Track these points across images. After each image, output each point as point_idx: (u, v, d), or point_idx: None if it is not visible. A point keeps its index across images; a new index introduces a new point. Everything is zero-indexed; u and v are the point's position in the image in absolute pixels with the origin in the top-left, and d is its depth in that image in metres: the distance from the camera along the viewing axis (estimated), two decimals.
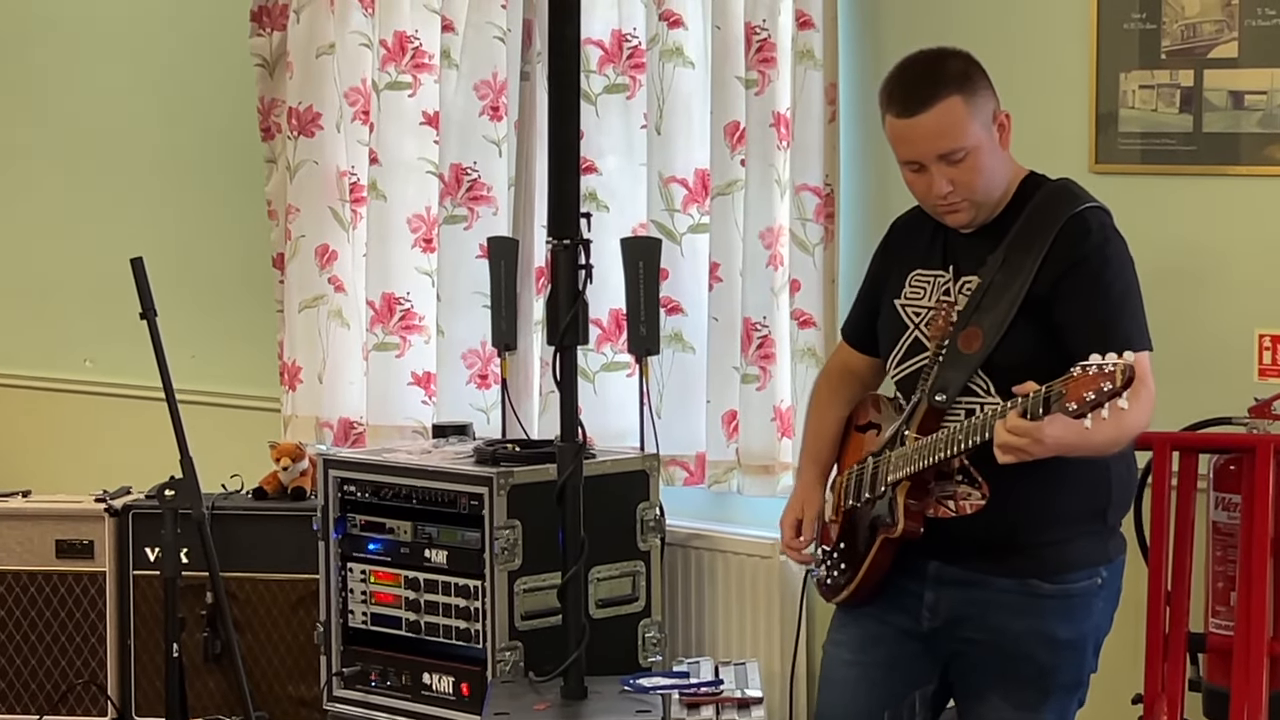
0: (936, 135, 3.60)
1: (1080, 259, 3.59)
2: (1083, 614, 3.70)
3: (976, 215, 3.67)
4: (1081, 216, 3.63)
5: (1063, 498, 3.62)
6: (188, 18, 6.65)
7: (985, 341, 3.57)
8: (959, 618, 3.70)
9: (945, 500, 3.63)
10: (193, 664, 5.50)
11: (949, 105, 3.59)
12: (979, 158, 3.61)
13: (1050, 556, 3.66)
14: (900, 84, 3.66)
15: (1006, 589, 3.66)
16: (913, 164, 3.65)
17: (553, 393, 5.22)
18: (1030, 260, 3.58)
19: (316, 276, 6.07)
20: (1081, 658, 3.73)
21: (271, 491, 5.70)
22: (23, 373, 7.17)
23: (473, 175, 5.77)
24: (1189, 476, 4.53)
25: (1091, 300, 3.57)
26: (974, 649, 3.71)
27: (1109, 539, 3.74)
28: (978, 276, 3.64)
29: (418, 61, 5.88)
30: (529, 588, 5.03)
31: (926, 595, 3.72)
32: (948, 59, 3.70)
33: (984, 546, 3.64)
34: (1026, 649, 3.67)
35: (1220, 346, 4.77)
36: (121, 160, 6.85)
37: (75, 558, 5.69)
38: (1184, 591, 4.49)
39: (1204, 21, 4.74)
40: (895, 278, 3.80)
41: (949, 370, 3.61)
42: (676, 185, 5.47)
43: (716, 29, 5.34)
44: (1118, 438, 3.51)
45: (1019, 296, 3.57)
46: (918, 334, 3.72)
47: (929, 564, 3.70)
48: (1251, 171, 4.73)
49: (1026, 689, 3.70)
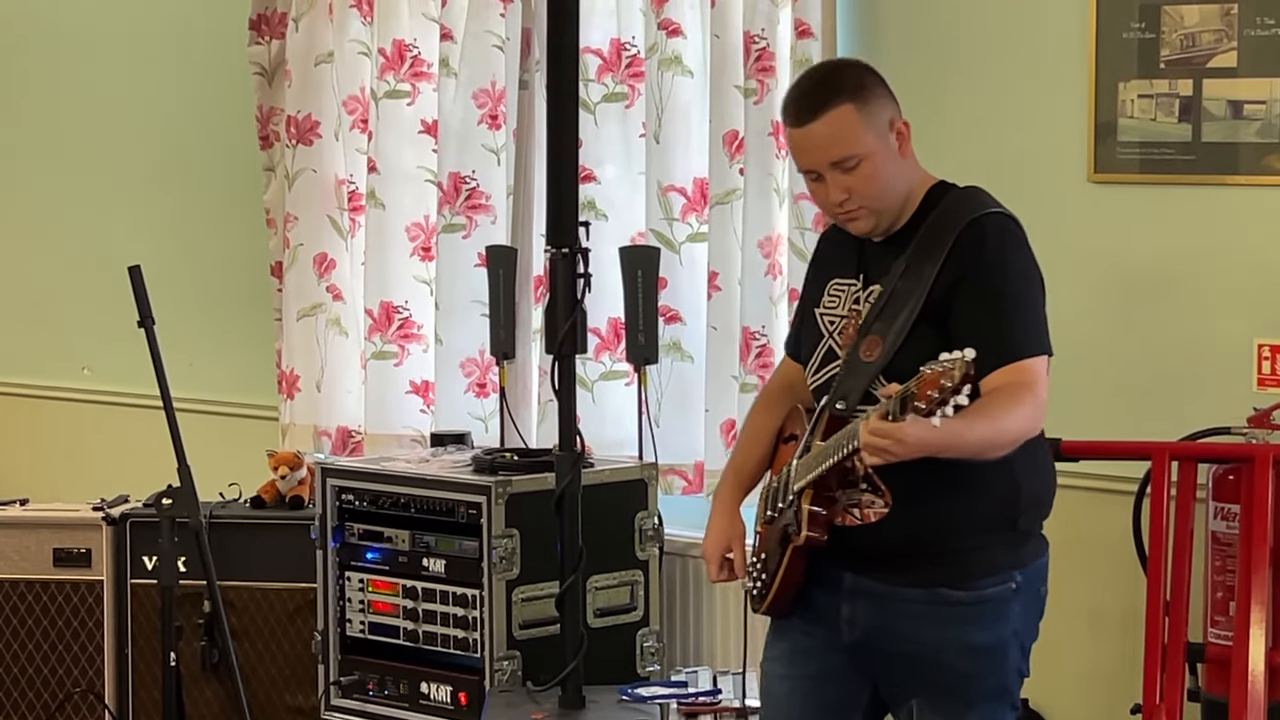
0: (828, 143, 3.62)
1: (974, 266, 3.59)
2: (999, 619, 3.67)
3: (879, 223, 3.68)
4: (979, 223, 3.63)
5: (968, 506, 3.61)
6: (187, 26, 6.65)
7: (885, 349, 3.59)
8: (875, 629, 3.70)
9: (851, 509, 3.64)
10: (190, 673, 5.49)
11: (840, 113, 3.61)
12: (874, 165, 3.63)
13: (958, 564, 3.64)
14: (794, 94, 3.70)
15: (917, 599, 3.65)
16: (810, 173, 3.67)
17: (551, 401, 5.21)
18: (930, 267, 3.60)
19: (315, 285, 6.07)
20: (1002, 663, 3.70)
21: (269, 500, 5.69)
22: (20, 381, 7.17)
23: (471, 184, 5.77)
24: (1188, 486, 4.53)
25: (984, 307, 3.58)
26: (895, 661, 3.71)
27: (1022, 544, 3.72)
28: (880, 285, 3.67)
29: (416, 70, 5.89)
30: (527, 597, 5.02)
31: (843, 608, 3.72)
32: (843, 69, 3.75)
33: (892, 556, 3.63)
34: (945, 658, 3.66)
35: (1219, 356, 4.77)
36: (120, 168, 6.85)
37: (73, 566, 5.69)
38: (1183, 602, 4.49)
39: (1203, 31, 4.75)
40: (816, 287, 3.83)
41: (850, 378, 3.62)
42: (675, 194, 5.47)
43: (715, 38, 5.34)
44: (994, 440, 3.49)
45: (919, 304, 3.59)
46: (831, 343, 3.74)
47: (844, 576, 3.70)
48: (1250, 181, 4.73)
49: (949, 698, 3.68)
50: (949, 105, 5.13)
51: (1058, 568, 5.03)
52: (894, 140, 3.65)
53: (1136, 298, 4.91)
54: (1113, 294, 4.94)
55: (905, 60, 5.19)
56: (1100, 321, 4.95)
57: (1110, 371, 4.93)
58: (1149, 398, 4.87)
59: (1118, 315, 4.93)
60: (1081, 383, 4.91)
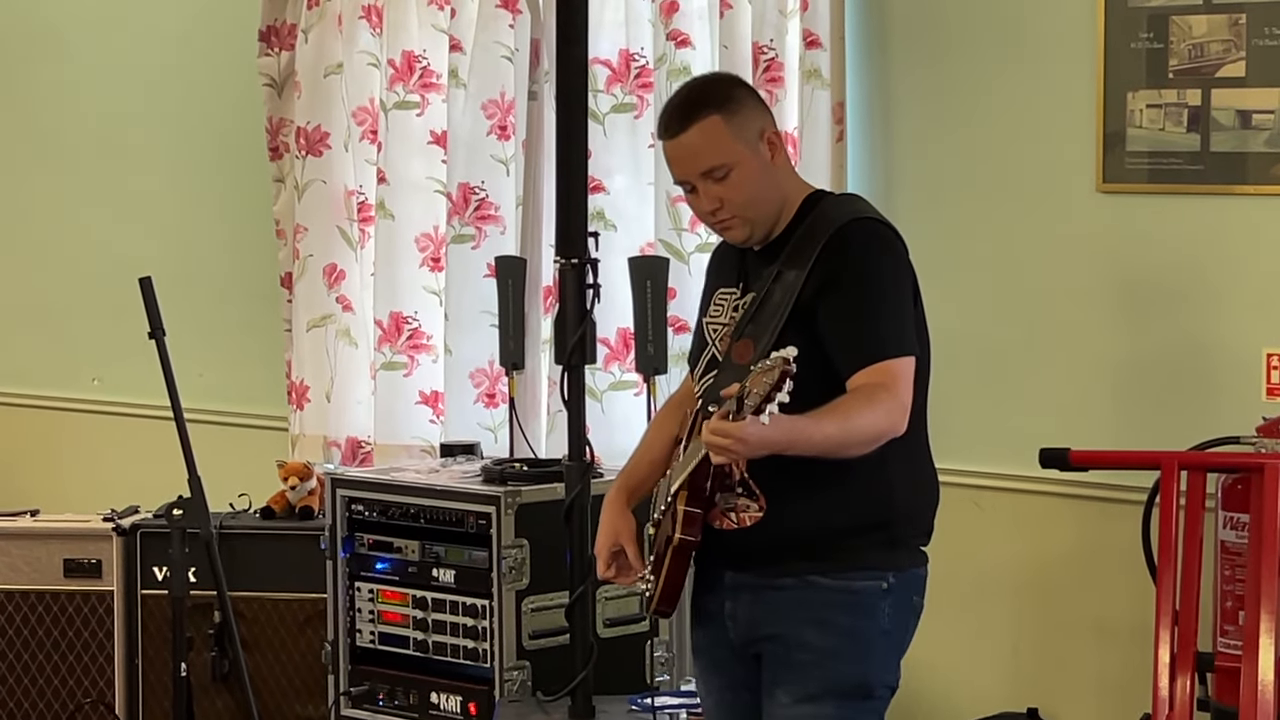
0: (696, 153, 3.69)
1: (837, 271, 3.64)
2: (865, 611, 3.68)
3: (754, 231, 3.74)
4: (844, 229, 3.68)
5: (839, 510, 3.64)
6: (196, 37, 6.67)
7: (756, 352, 3.63)
8: (753, 620, 3.74)
9: (727, 512, 3.68)
10: (200, 683, 5.49)
11: (708, 124, 3.68)
12: (743, 174, 3.69)
13: (830, 557, 3.68)
14: (667, 108, 3.78)
15: (789, 586, 3.69)
16: (684, 184, 3.75)
17: (560, 412, 5.21)
18: (798, 272, 3.66)
19: (324, 296, 6.08)
20: (864, 653, 3.69)
21: (279, 511, 5.69)
22: (31, 392, 7.18)
23: (480, 194, 5.78)
24: (1197, 496, 4.52)
25: (847, 310, 3.63)
26: (766, 650, 3.74)
27: (896, 549, 3.73)
28: (755, 291, 3.73)
29: (425, 81, 5.90)
30: (536, 607, 5.02)
31: (726, 605, 3.76)
32: (712, 83, 3.87)
33: (766, 552, 3.68)
34: (806, 636, 3.67)
35: (1228, 366, 4.77)
36: (129, 179, 6.87)
37: (83, 577, 5.69)
38: (1192, 611, 4.49)
39: (1211, 41, 4.75)
40: (705, 300, 3.89)
41: (723, 382, 3.64)
42: (684, 205, 5.46)
43: (724, 49, 5.34)
44: (844, 438, 3.53)
45: (787, 308, 3.64)
46: (714, 350, 3.79)
47: (724, 575, 3.75)
48: (1259, 190, 4.73)
49: (806, 678, 3.67)
50: (957, 115, 5.13)
51: (1068, 577, 5.04)
52: (765, 150, 3.71)
53: (1144, 307, 4.91)
54: (1121, 303, 4.94)
55: (913, 70, 5.20)
56: (1108, 331, 4.95)
57: (1118, 381, 4.94)
58: (1158, 407, 4.87)
59: (1126, 325, 4.93)
60: (1090, 392, 4.92)
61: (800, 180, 3.83)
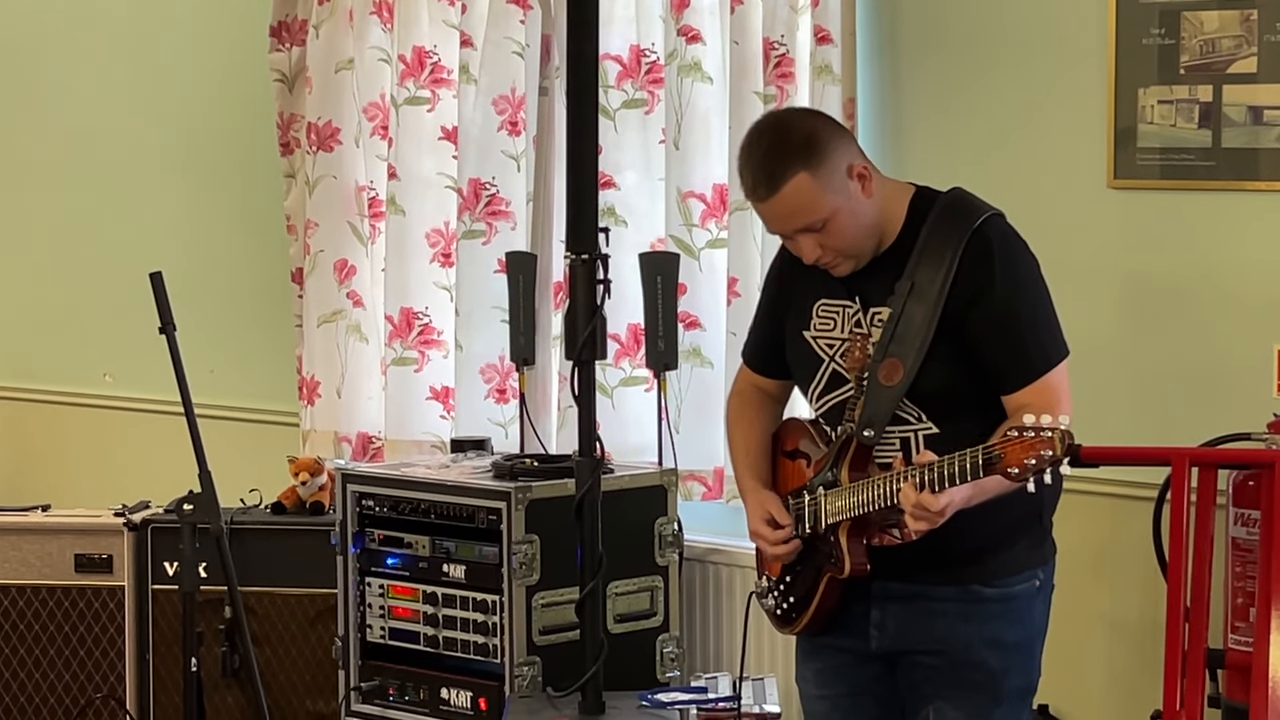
0: (790, 214, 3.61)
1: (987, 282, 3.58)
2: (1026, 617, 3.71)
3: (860, 262, 3.68)
4: (981, 233, 3.61)
5: (1002, 511, 3.62)
6: (207, 33, 6.67)
7: (906, 372, 3.59)
8: (906, 631, 3.71)
9: (890, 529, 3.64)
10: (211, 679, 5.50)
11: (796, 185, 3.57)
12: (839, 221, 3.60)
13: (990, 562, 3.67)
14: (748, 166, 3.63)
15: (949, 596, 3.67)
16: (781, 234, 3.68)
17: (571, 408, 5.22)
18: (938, 286, 3.58)
19: (335, 291, 6.08)
20: (1030, 661, 3.74)
21: (290, 506, 5.70)
22: (42, 387, 7.19)
23: (491, 190, 5.78)
24: (1208, 492, 4.52)
25: (1002, 327, 3.59)
26: (921, 662, 3.72)
27: (1044, 541, 3.76)
28: (888, 307, 3.64)
29: (436, 77, 5.90)
30: (547, 603, 5.03)
31: (873, 614, 3.73)
32: (790, 130, 3.63)
33: (924, 559, 3.65)
34: (977, 655, 3.68)
35: (1239, 362, 4.76)
36: (141, 175, 6.87)
37: (94, 572, 5.70)
38: (1203, 608, 4.48)
39: (1223, 37, 4.74)
40: (798, 308, 3.80)
41: (873, 405, 3.61)
42: (695, 200, 5.47)
43: (735, 44, 5.34)
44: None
45: (933, 324, 3.58)
46: (834, 366, 3.72)
47: (872, 583, 3.71)
48: (1270, 187, 4.72)
49: (978, 695, 3.69)
50: (969, 112, 5.13)
51: (1078, 574, 5.03)
52: (855, 186, 3.62)
53: (1156, 304, 4.90)
54: (1132, 300, 4.94)
55: (924, 67, 5.20)
56: (1119, 327, 4.94)
57: (1129, 377, 4.93)
58: (1169, 403, 4.86)
59: (1137, 321, 4.93)
60: (1101, 389, 4.91)
61: (894, 183, 3.72)
